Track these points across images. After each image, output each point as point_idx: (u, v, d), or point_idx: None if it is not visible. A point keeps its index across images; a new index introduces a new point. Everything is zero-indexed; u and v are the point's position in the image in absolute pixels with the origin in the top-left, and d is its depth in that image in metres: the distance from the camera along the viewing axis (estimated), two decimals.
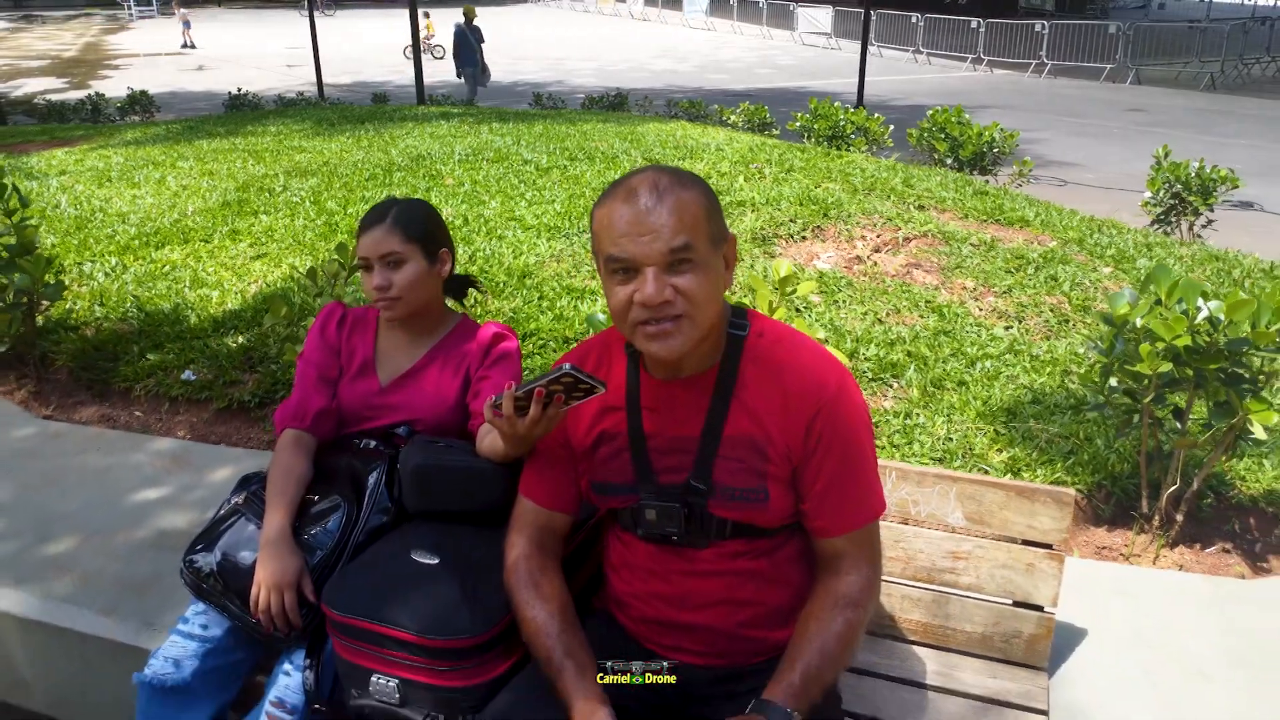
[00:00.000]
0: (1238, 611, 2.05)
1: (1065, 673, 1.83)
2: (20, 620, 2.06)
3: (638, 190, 1.30)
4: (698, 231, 1.29)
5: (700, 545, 1.46)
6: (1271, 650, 1.92)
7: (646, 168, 1.36)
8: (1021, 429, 2.77)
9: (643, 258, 1.28)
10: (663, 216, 1.27)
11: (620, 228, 1.29)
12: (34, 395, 3.21)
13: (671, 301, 1.29)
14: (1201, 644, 1.92)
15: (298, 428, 1.86)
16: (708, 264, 1.31)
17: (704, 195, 1.32)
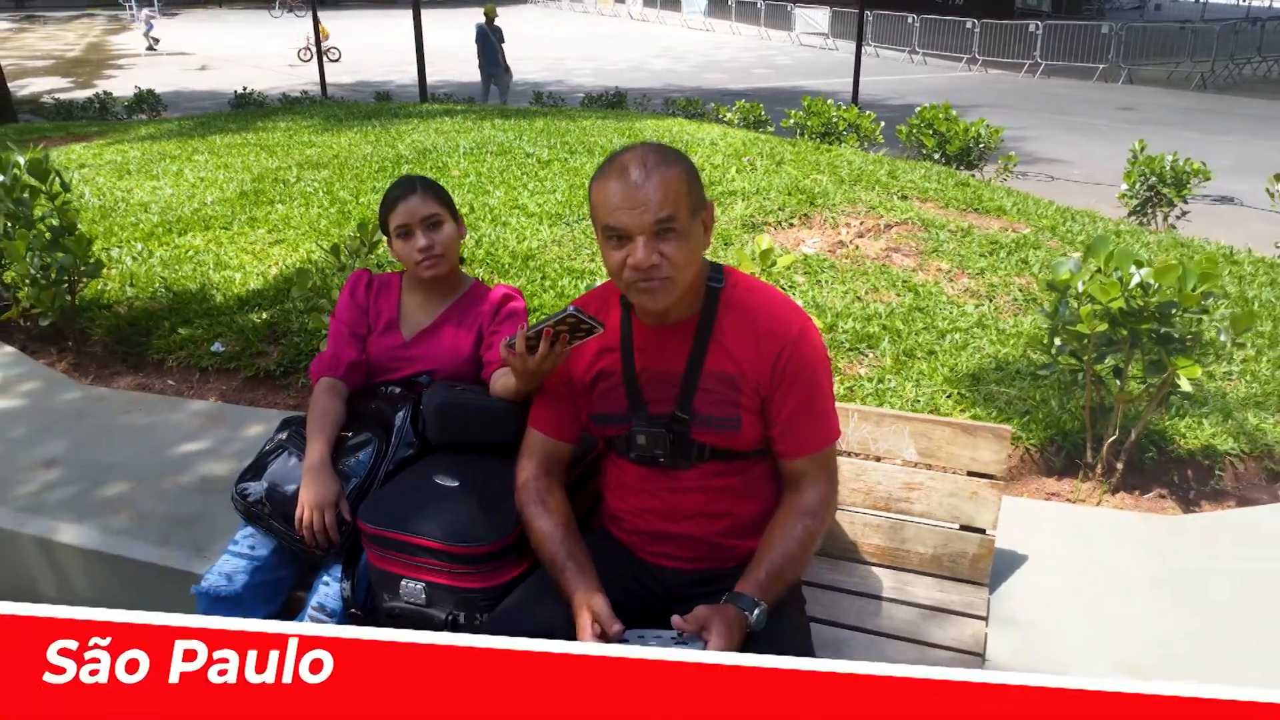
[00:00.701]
0: (1164, 542, 2.30)
1: (1006, 589, 2.09)
2: (83, 551, 2.32)
3: (628, 168, 1.54)
4: (680, 204, 1.54)
5: (683, 466, 1.72)
6: (1190, 571, 2.17)
7: (636, 145, 1.61)
8: (983, 392, 3.03)
9: (634, 228, 1.53)
10: (650, 192, 1.52)
11: (614, 202, 1.53)
12: (74, 366, 3.47)
13: (658, 264, 1.54)
14: (1128, 567, 2.18)
15: (332, 376, 2.12)
16: (688, 231, 1.56)
17: (685, 171, 1.57)
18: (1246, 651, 1.91)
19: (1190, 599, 2.08)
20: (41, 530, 2.36)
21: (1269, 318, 3.76)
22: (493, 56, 14.21)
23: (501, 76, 14.36)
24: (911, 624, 1.92)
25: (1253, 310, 2.57)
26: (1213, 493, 2.68)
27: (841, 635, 1.88)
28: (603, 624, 1.52)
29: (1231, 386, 3.20)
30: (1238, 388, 3.19)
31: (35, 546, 2.37)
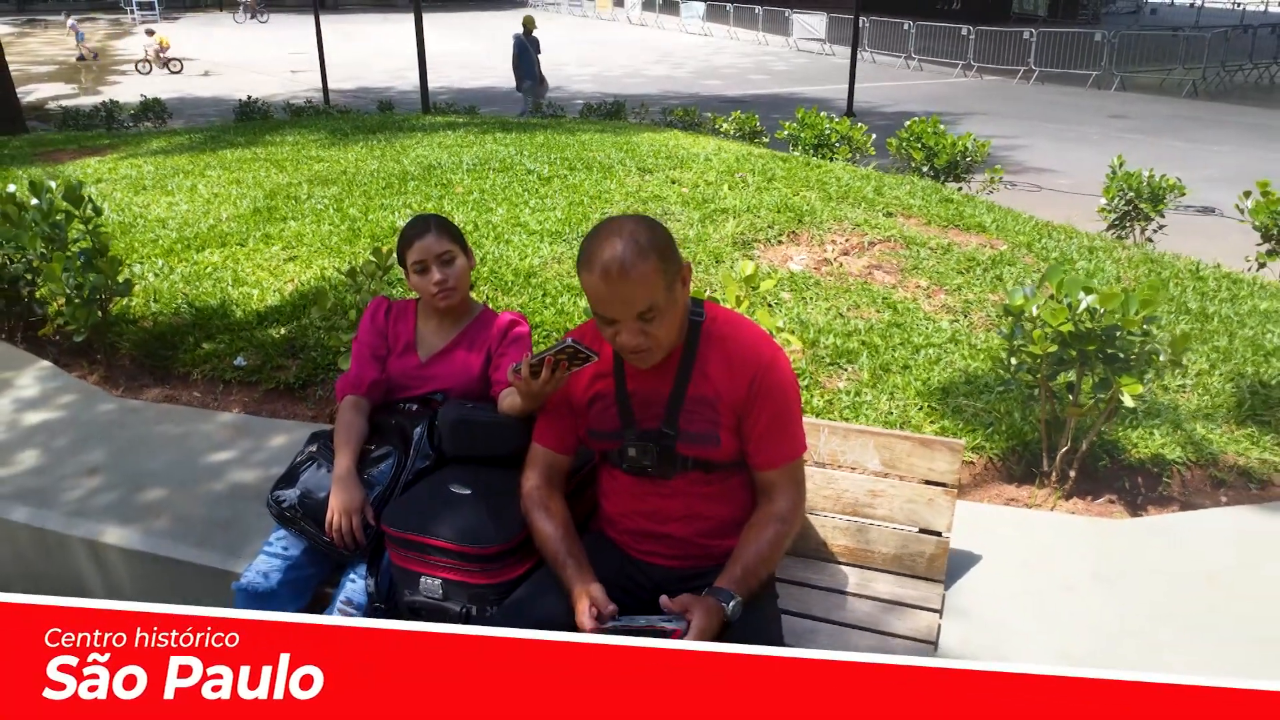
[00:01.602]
0: (1107, 543, 2.54)
1: (960, 585, 2.33)
2: (125, 552, 2.55)
3: (610, 271, 1.72)
4: (657, 293, 1.74)
5: (669, 476, 1.96)
6: (1128, 569, 2.41)
7: (610, 234, 1.76)
8: (953, 405, 3.27)
9: (620, 317, 1.76)
10: (630, 289, 1.72)
11: (600, 296, 1.75)
12: (104, 379, 3.70)
13: (641, 342, 1.78)
14: (1073, 566, 2.42)
15: (355, 394, 2.36)
16: (667, 308, 1.77)
17: (657, 260, 1.74)
18: (1171, 641, 2.15)
19: (1126, 595, 2.32)
20: (89, 532, 2.60)
21: (1226, 332, 4.01)
22: (529, 68, 14.16)
23: (535, 86, 14.34)
24: (873, 616, 2.16)
25: (1188, 332, 2.80)
26: (1160, 498, 2.92)
27: (810, 626, 2.12)
28: (599, 607, 1.76)
29: (1185, 399, 3.45)
30: (1190, 400, 3.43)
31: (84, 547, 2.60)
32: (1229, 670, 2.04)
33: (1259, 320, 4.16)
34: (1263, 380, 3.55)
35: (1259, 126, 15.53)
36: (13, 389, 3.43)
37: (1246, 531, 2.61)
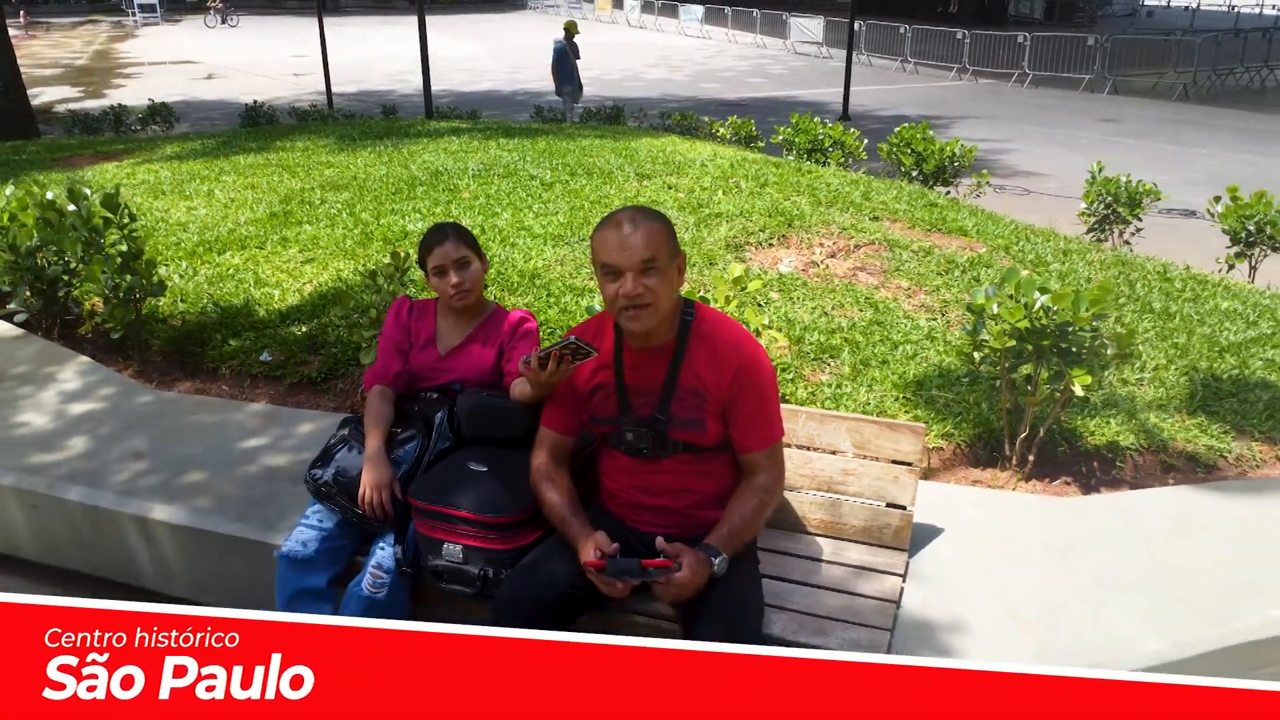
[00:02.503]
0: (1060, 519, 2.82)
1: (923, 554, 2.60)
2: (172, 527, 2.82)
3: (621, 222, 2.07)
4: (660, 250, 2.05)
5: (661, 456, 2.24)
6: (1075, 541, 2.69)
7: (625, 209, 2.13)
8: (926, 396, 3.54)
9: (625, 265, 2.05)
10: (637, 239, 2.04)
11: (610, 246, 2.06)
12: (139, 373, 3.97)
13: (643, 294, 2.06)
14: (1024, 538, 2.69)
15: (382, 384, 2.64)
16: (666, 271, 2.08)
17: (664, 226, 2.09)
18: (1109, 602, 2.42)
19: (1072, 563, 2.59)
20: (139, 510, 2.87)
21: (1185, 330, 4.29)
22: (568, 73, 14.29)
23: (575, 91, 14.46)
24: (844, 580, 2.43)
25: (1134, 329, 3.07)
26: (1112, 480, 3.20)
27: (788, 588, 2.39)
28: (601, 548, 2.05)
29: (1142, 391, 3.72)
30: (1147, 392, 3.71)
31: (134, 524, 2.87)
32: (1155, 627, 2.32)
33: (1218, 319, 4.44)
34: (1215, 374, 3.83)
35: (1246, 130, 15.80)
36: (56, 382, 3.70)
37: (1184, 508, 2.88)
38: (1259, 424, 3.50)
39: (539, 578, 2.19)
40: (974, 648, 2.24)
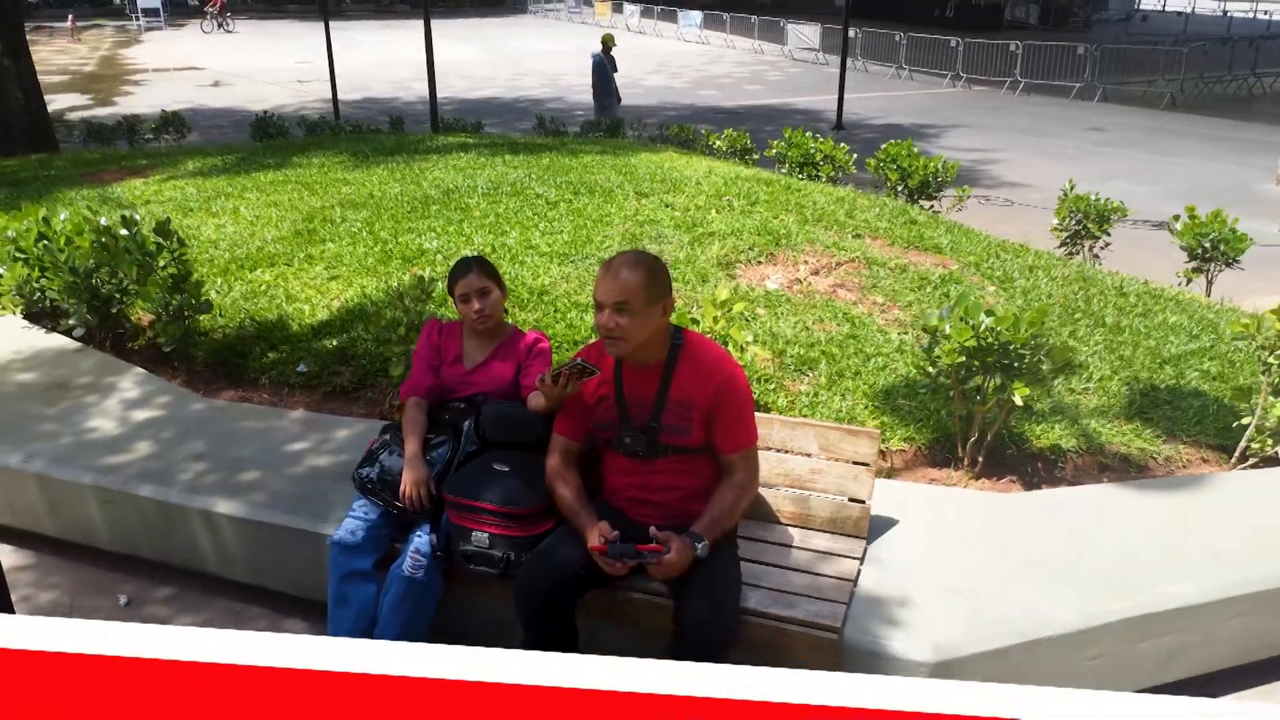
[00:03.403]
0: (999, 511, 3.26)
1: (879, 541, 3.04)
2: (233, 519, 3.26)
3: (611, 266, 2.52)
4: (633, 296, 2.48)
5: (654, 458, 2.68)
6: (1012, 530, 3.12)
7: (625, 252, 2.57)
8: (892, 404, 3.99)
9: (604, 302, 2.50)
10: (616, 285, 2.48)
11: (599, 284, 2.52)
12: (186, 382, 4.41)
13: (612, 328, 2.50)
14: (967, 528, 3.13)
15: (416, 396, 3.08)
16: (640, 312, 2.51)
17: (645, 276, 2.51)
18: (1032, 580, 2.86)
19: (1006, 549, 3.03)
20: (203, 504, 3.31)
21: (1132, 343, 4.73)
22: (606, 85, 14.58)
23: (612, 104, 14.70)
24: (810, 562, 2.87)
25: (1067, 346, 3.50)
26: (1053, 479, 3.64)
27: (764, 569, 2.83)
28: (605, 535, 2.50)
29: (1086, 399, 4.16)
30: (1091, 400, 4.15)
31: (199, 517, 3.31)
32: (1068, 601, 2.76)
33: (1163, 333, 4.88)
34: (1153, 384, 4.27)
35: (1228, 139, 16.25)
36: (117, 391, 4.14)
37: (1109, 503, 3.32)
38: (1188, 429, 3.95)
39: (553, 560, 2.63)
40: (916, 619, 2.69)
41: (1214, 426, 3.95)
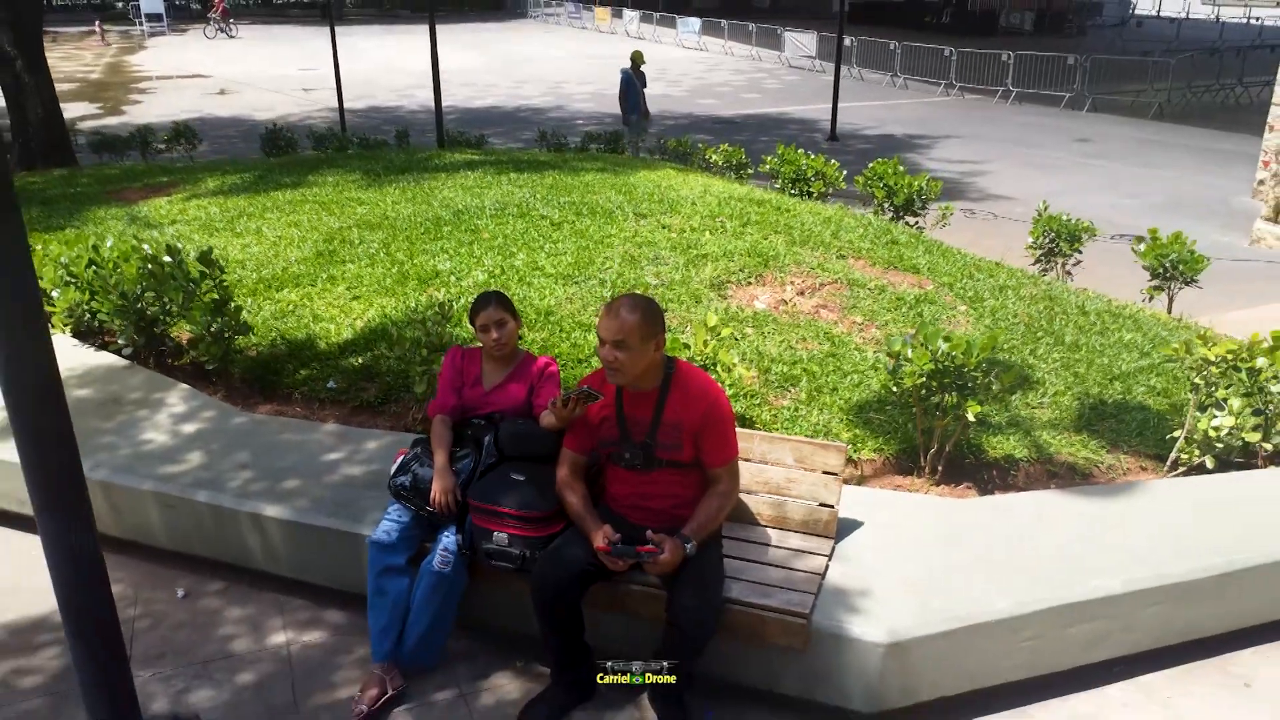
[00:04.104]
0: (952, 514, 3.70)
1: (846, 541, 3.49)
2: (279, 521, 3.70)
3: (612, 308, 2.97)
4: (630, 335, 2.94)
5: (650, 470, 3.13)
6: (964, 531, 3.56)
7: (624, 295, 3.02)
8: (864, 418, 4.43)
9: (605, 339, 2.95)
10: (615, 325, 2.93)
11: (601, 323, 2.96)
12: (226, 397, 4.86)
13: (612, 360, 2.95)
14: (926, 530, 3.58)
15: (443, 414, 3.53)
16: (636, 348, 2.96)
17: (641, 318, 2.96)
18: (978, 574, 3.30)
19: (958, 547, 3.48)
20: (252, 508, 3.75)
21: (1087, 361, 5.18)
22: (634, 102, 14.80)
23: (639, 120, 14.89)
24: (785, 559, 3.32)
25: (1014, 369, 3.94)
26: (1005, 485, 4.09)
27: (744, 565, 3.28)
28: (608, 536, 2.94)
29: (1041, 413, 4.61)
30: (1044, 414, 4.60)
31: (249, 519, 3.76)
32: (1006, 592, 3.20)
33: (1117, 350, 5.33)
34: (1102, 399, 4.72)
35: (1211, 151, 16.71)
36: (166, 406, 4.59)
37: (1052, 506, 3.77)
38: (1129, 440, 4.40)
39: (563, 558, 3.08)
40: (874, 607, 3.13)
41: (1153, 438, 4.40)
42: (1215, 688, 3.35)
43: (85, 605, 2.68)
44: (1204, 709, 3.26)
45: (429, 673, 3.37)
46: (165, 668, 3.43)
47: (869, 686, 3.08)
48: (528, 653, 3.43)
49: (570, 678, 3.20)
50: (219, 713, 3.24)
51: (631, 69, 14.87)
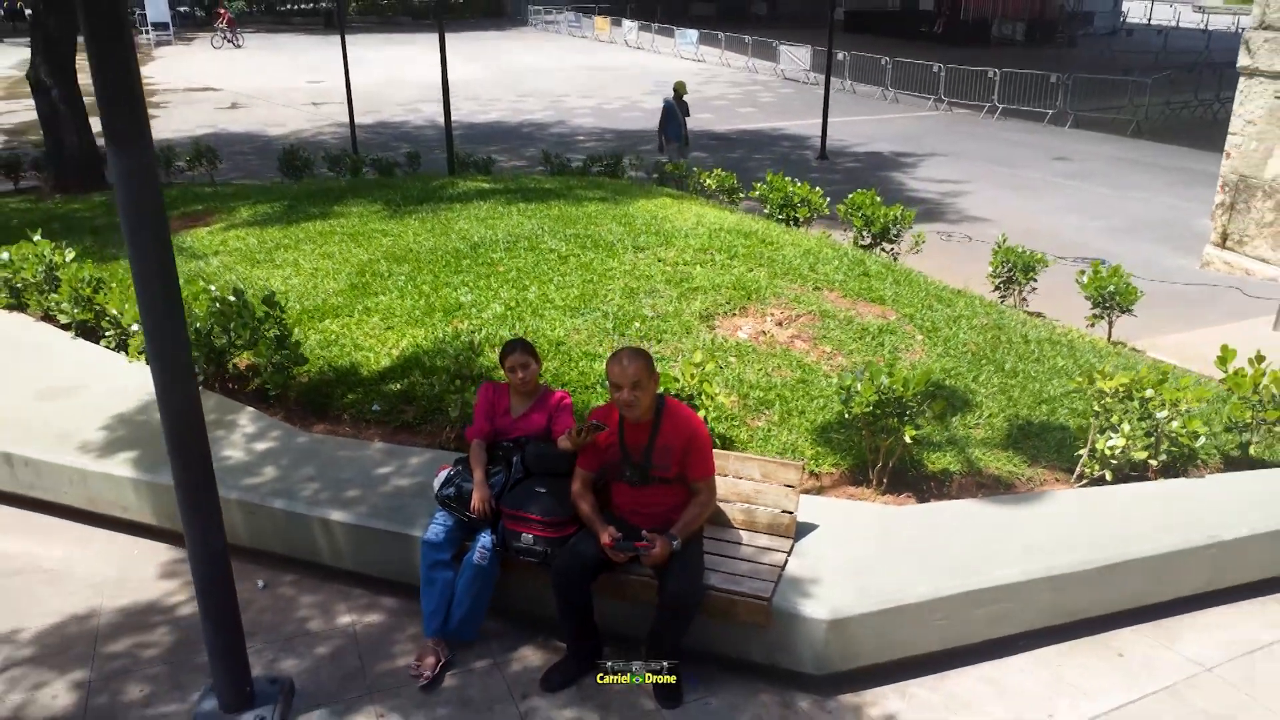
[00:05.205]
0: (892, 518, 4.55)
1: (804, 540, 4.34)
2: (343, 524, 4.55)
3: (623, 360, 3.82)
4: (641, 377, 3.81)
5: (645, 485, 4.00)
6: (901, 531, 4.41)
7: (627, 350, 3.88)
8: (826, 437, 5.29)
9: (623, 384, 3.81)
10: (630, 372, 3.80)
11: (615, 372, 3.83)
12: (286, 418, 5.71)
13: (631, 400, 3.81)
14: (868, 530, 4.43)
15: (479, 439, 4.38)
16: (645, 387, 3.83)
17: (645, 363, 3.85)
18: (904, 565, 4.15)
19: (894, 543, 4.33)
20: (321, 514, 4.60)
21: (1021, 386, 6.03)
22: (675, 130, 15.23)
23: (682, 148, 15.24)
24: (753, 554, 4.18)
25: (943, 401, 4.78)
26: (940, 494, 4.93)
27: (721, 559, 4.13)
28: (613, 535, 3.79)
29: (975, 432, 5.46)
30: (978, 433, 5.45)
31: (318, 523, 4.61)
32: (927, 578, 4.05)
33: (1049, 376, 6.19)
34: (1030, 420, 5.58)
35: (1183, 170, 17.54)
36: (239, 427, 5.43)
37: (972, 511, 4.62)
38: (1048, 456, 5.25)
39: (577, 553, 3.93)
40: (822, 591, 3.98)
41: (1066, 454, 5.25)
42: (1095, 658, 4.21)
43: (216, 592, 3.54)
44: (1085, 675, 4.12)
45: (469, 645, 4.21)
46: (257, 643, 4.28)
47: (817, 654, 3.93)
48: (547, 630, 4.28)
49: (582, 649, 4.05)
50: (304, 677, 4.08)
51: (674, 98, 15.31)
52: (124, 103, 2.93)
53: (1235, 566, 4.53)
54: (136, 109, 2.96)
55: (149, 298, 3.08)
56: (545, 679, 4.03)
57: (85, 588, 4.69)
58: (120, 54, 2.86)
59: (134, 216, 3.00)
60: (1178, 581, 4.46)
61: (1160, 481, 4.96)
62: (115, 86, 2.88)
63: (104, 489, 5.07)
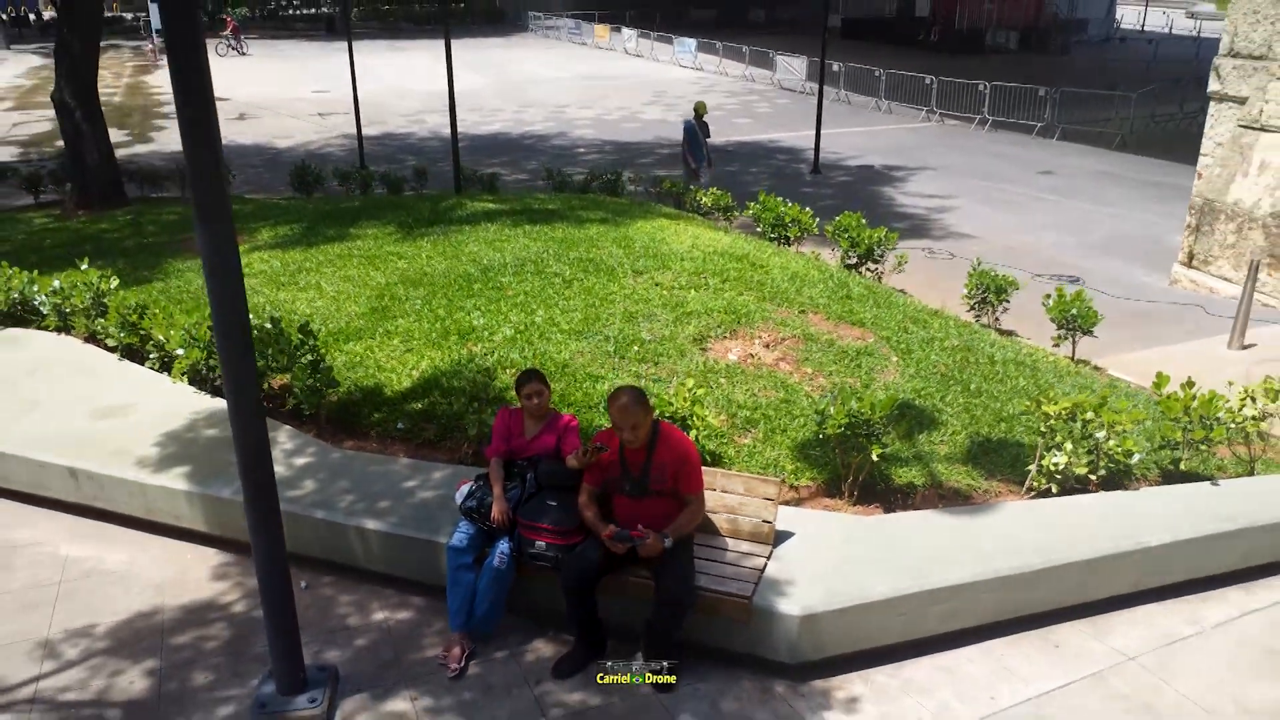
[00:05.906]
0: (860, 527, 5.17)
1: (782, 546, 4.95)
2: (377, 532, 5.17)
3: (620, 403, 4.47)
4: (638, 415, 4.45)
5: (643, 498, 4.63)
6: (867, 538, 5.03)
7: (626, 392, 4.51)
8: (806, 453, 5.90)
9: (625, 427, 4.45)
10: (629, 413, 4.43)
11: (616, 416, 4.47)
12: (319, 435, 6.32)
13: (631, 438, 4.45)
14: (838, 537, 5.04)
15: (497, 457, 5.00)
16: (643, 423, 4.46)
17: (642, 403, 4.49)
18: (867, 568, 4.76)
19: (860, 548, 4.94)
20: (357, 523, 5.22)
21: (984, 406, 6.65)
22: (698, 152, 15.60)
23: (704, 168, 15.63)
24: (737, 559, 4.80)
25: (907, 420, 5.40)
26: (906, 506, 5.55)
27: (708, 564, 4.75)
28: (611, 533, 4.41)
29: (939, 448, 6.08)
30: (942, 449, 6.07)
31: (354, 531, 5.22)
32: (885, 580, 4.67)
33: (1010, 395, 6.81)
34: (989, 438, 6.20)
35: (1162, 185, 18.13)
36: (278, 443, 6.04)
37: (931, 519, 5.24)
38: (1003, 470, 5.87)
39: (585, 557, 4.55)
40: (795, 591, 4.60)
41: (1020, 469, 5.87)
42: (1035, 650, 4.83)
43: (276, 593, 4.15)
44: (1025, 663, 4.74)
45: (489, 639, 4.83)
46: (304, 636, 4.89)
47: (792, 645, 4.55)
48: (557, 625, 4.89)
49: (588, 641, 4.66)
50: (346, 665, 4.70)
51: (695, 118, 15.70)
52: (208, 178, 3.55)
53: (1161, 569, 5.15)
54: (221, 189, 3.59)
55: (229, 351, 3.72)
56: (556, 667, 4.64)
57: (148, 588, 5.31)
58: (211, 165, 3.48)
59: (220, 290, 3.63)
60: (1110, 582, 5.08)
61: (1099, 494, 5.58)
62: (206, 184, 3.50)
63: (160, 500, 5.69)
